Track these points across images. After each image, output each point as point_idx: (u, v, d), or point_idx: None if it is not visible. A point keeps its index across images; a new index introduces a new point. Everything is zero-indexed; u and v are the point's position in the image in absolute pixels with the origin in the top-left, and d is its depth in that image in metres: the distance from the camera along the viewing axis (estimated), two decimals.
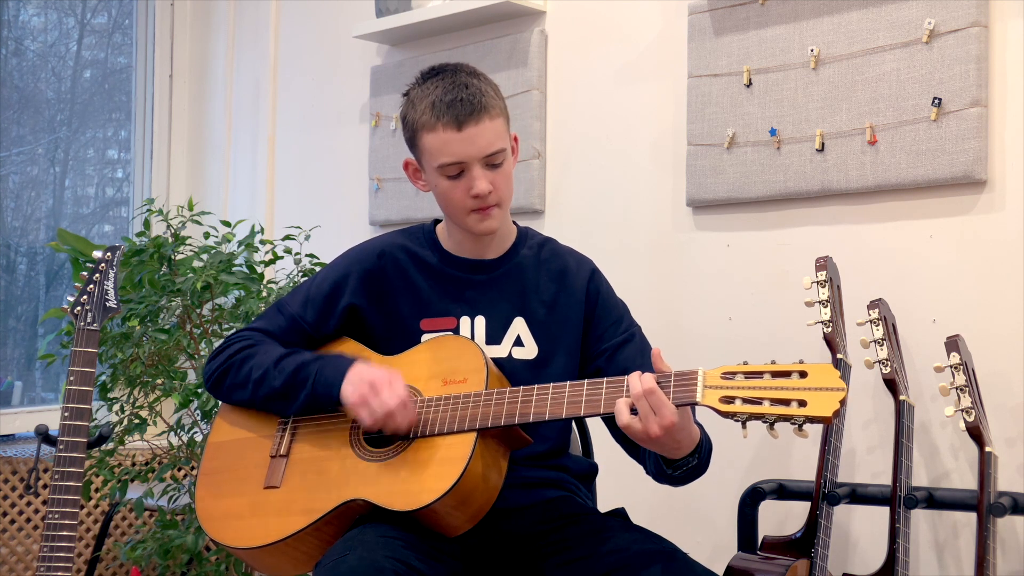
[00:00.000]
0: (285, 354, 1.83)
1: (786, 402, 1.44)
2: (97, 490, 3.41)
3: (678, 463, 1.63)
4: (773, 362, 1.49)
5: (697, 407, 1.54)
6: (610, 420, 1.83)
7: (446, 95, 1.76)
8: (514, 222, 1.97)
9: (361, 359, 1.78)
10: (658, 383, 1.52)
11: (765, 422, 1.46)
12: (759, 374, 1.48)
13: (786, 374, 1.47)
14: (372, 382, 1.69)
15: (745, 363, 1.50)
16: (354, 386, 1.71)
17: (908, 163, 2.28)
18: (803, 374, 1.46)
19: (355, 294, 1.88)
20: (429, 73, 1.83)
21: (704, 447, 1.65)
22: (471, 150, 1.75)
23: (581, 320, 1.89)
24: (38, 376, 3.82)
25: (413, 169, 1.89)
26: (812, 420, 1.43)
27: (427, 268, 1.89)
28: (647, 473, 1.77)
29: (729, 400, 1.47)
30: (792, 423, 1.44)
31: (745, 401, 1.46)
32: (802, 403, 1.43)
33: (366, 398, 1.69)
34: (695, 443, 1.61)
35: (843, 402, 1.43)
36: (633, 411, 1.54)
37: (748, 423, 1.48)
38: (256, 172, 3.78)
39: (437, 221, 1.96)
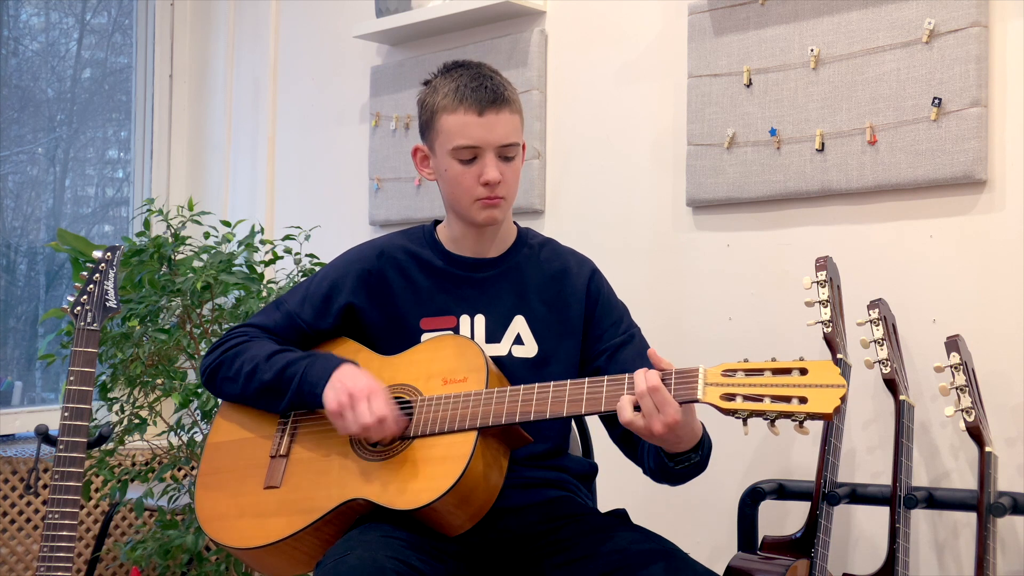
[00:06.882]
0: (277, 351, 1.83)
1: (787, 399, 1.44)
2: (97, 490, 3.41)
3: (680, 457, 1.64)
4: (773, 359, 1.49)
5: (698, 404, 1.54)
6: (608, 419, 1.84)
7: (471, 82, 1.79)
8: (515, 222, 1.97)
9: (350, 361, 1.78)
10: (661, 380, 1.53)
11: (766, 419, 1.46)
12: (759, 371, 1.48)
13: (786, 371, 1.47)
14: (352, 393, 1.69)
15: (746, 360, 1.51)
16: (335, 392, 1.71)
17: (908, 163, 2.28)
18: (803, 371, 1.46)
19: (353, 293, 1.89)
20: (453, 65, 1.86)
21: (706, 444, 1.65)
22: (489, 136, 1.77)
23: (581, 320, 1.89)
24: (38, 376, 3.82)
25: (422, 156, 1.89)
26: (813, 417, 1.43)
27: (427, 267, 1.89)
28: (645, 473, 1.77)
29: (730, 397, 1.48)
30: (793, 420, 1.44)
31: (746, 398, 1.47)
32: (803, 400, 1.44)
33: (343, 409, 1.69)
34: (697, 438, 1.61)
35: (844, 399, 1.44)
36: (636, 408, 1.54)
37: (749, 420, 1.48)
38: (256, 172, 3.78)
39: (437, 222, 1.97)
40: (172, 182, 3.97)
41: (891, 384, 2.12)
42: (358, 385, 1.70)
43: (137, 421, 2.78)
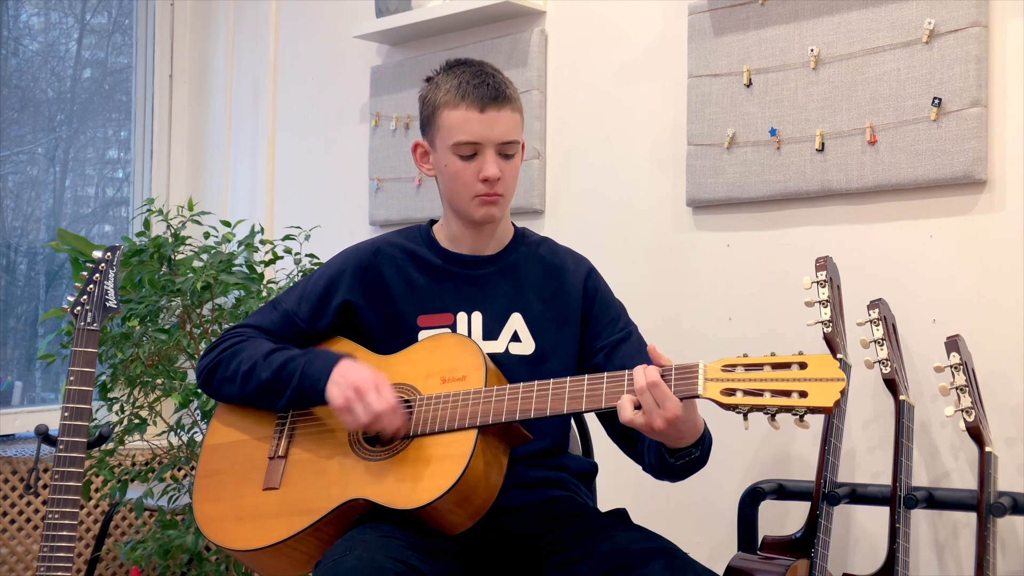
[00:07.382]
0: (274, 349, 1.83)
1: (787, 393, 1.45)
2: (97, 490, 3.41)
3: (681, 452, 1.64)
4: (773, 354, 1.49)
5: (698, 400, 1.54)
6: (606, 417, 1.84)
7: (474, 79, 1.80)
8: (512, 222, 1.97)
9: (349, 356, 1.78)
10: (660, 376, 1.53)
11: (766, 413, 1.46)
12: (759, 366, 1.48)
13: (786, 365, 1.47)
14: (357, 386, 1.68)
15: (745, 355, 1.51)
16: (339, 388, 1.71)
17: (908, 163, 2.28)
18: (803, 365, 1.46)
19: (350, 291, 1.89)
20: (455, 62, 1.87)
21: (707, 439, 1.66)
22: (489, 133, 1.79)
23: (579, 318, 1.89)
24: (38, 376, 3.82)
25: (422, 151, 1.90)
26: (813, 410, 1.43)
27: (424, 265, 1.90)
28: (645, 469, 1.77)
29: (730, 392, 1.48)
30: (793, 414, 1.45)
31: (746, 393, 1.47)
32: (803, 394, 1.44)
33: (351, 403, 1.68)
34: (699, 433, 1.61)
35: (843, 392, 1.44)
36: (636, 407, 1.54)
37: (749, 415, 1.48)
38: (256, 172, 3.78)
39: (433, 221, 1.97)
40: (172, 182, 3.97)
41: (891, 384, 2.11)
42: (362, 378, 1.70)
43: (137, 421, 2.78)
